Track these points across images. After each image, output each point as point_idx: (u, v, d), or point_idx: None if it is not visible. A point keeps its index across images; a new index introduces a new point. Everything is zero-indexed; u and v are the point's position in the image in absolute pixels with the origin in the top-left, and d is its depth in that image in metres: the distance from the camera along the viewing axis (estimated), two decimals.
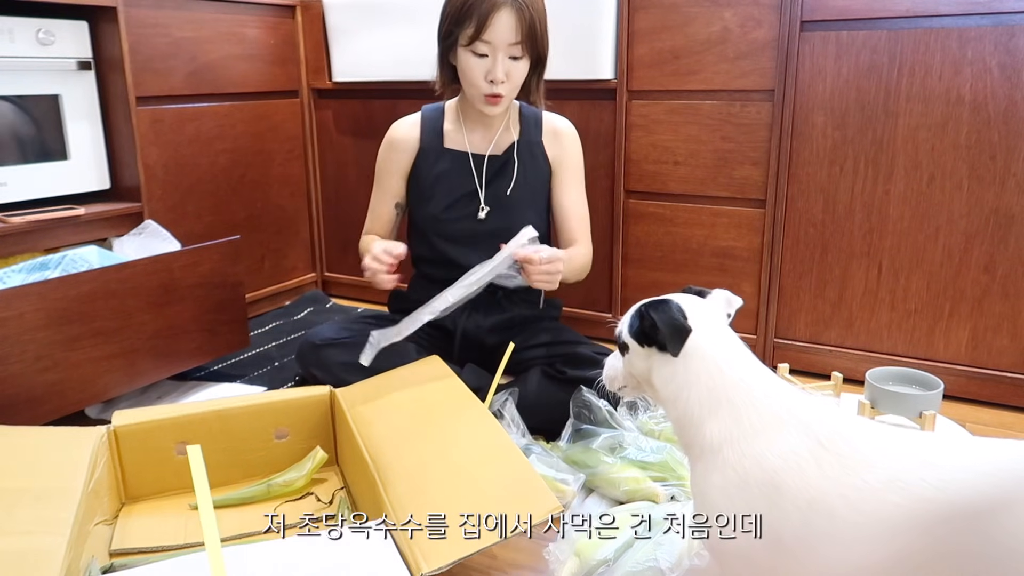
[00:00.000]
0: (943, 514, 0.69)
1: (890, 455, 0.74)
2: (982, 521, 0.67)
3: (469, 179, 1.54)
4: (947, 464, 0.71)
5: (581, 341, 1.56)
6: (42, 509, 0.95)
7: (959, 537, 0.68)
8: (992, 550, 0.67)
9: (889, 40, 1.53)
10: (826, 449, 0.76)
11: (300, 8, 2.21)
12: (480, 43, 1.38)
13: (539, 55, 1.46)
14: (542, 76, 1.52)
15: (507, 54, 1.40)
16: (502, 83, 1.42)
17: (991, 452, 0.71)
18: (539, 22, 1.41)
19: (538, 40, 1.42)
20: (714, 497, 0.81)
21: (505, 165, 1.55)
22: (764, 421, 0.80)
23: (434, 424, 1.20)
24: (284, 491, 1.25)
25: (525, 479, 1.04)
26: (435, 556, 0.90)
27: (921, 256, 1.60)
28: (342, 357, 1.48)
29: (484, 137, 1.56)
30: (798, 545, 0.76)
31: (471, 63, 1.41)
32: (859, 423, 0.79)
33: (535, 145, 1.57)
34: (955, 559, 0.69)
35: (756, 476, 0.78)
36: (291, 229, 2.32)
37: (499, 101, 1.45)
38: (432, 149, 1.56)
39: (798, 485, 0.76)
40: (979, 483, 0.68)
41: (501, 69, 1.40)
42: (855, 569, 0.73)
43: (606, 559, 1.05)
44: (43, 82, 1.62)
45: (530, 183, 1.56)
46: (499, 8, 1.36)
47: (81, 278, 1.39)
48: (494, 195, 1.54)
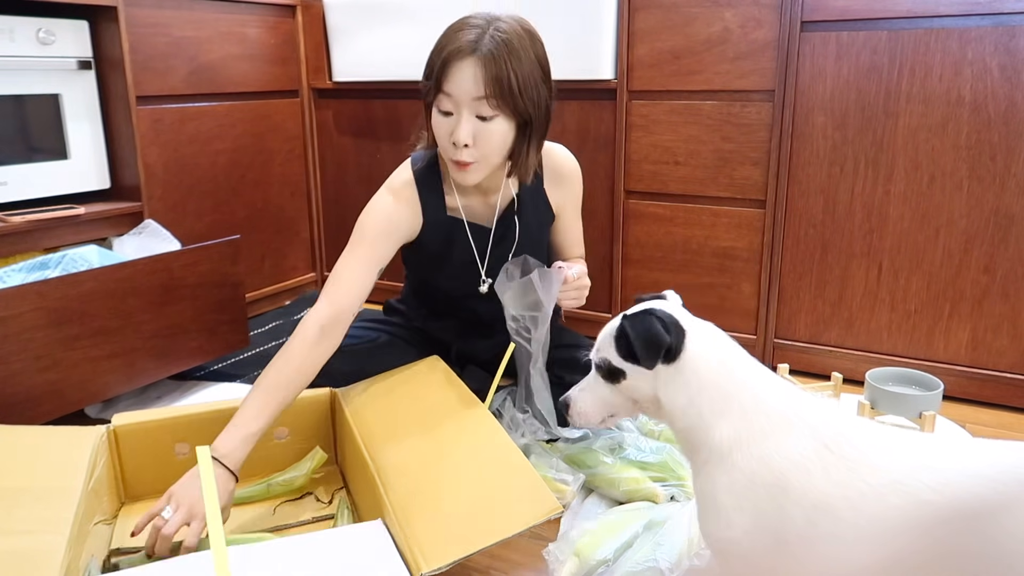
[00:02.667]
0: (942, 516, 0.69)
1: (892, 457, 0.75)
2: (981, 522, 0.68)
3: (468, 250, 1.40)
4: (947, 467, 0.72)
5: (580, 345, 1.53)
6: (42, 509, 0.95)
7: (959, 538, 0.69)
8: (992, 551, 0.67)
9: (889, 41, 1.53)
10: (831, 452, 0.77)
11: (300, 8, 2.21)
12: (442, 96, 1.19)
13: (522, 116, 1.21)
14: (533, 143, 1.27)
15: (472, 111, 1.18)
16: (465, 147, 1.19)
17: (991, 455, 0.71)
18: (516, 75, 1.16)
19: (515, 97, 1.18)
20: (721, 498, 0.81)
21: (507, 231, 1.40)
22: (773, 423, 0.80)
23: (434, 424, 1.20)
24: (284, 491, 1.25)
25: (525, 479, 1.04)
26: (435, 556, 0.90)
27: (921, 256, 1.60)
28: (345, 367, 1.38)
29: (481, 203, 1.39)
30: (800, 545, 0.76)
31: (437, 122, 1.22)
32: (863, 425, 0.80)
33: (537, 195, 1.41)
34: (955, 559, 0.69)
35: (764, 477, 0.78)
36: (291, 229, 2.32)
37: (467, 168, 1.23)
38: (435, 222, 1.37)
39: (804, 487, 0.76)
40: (978, 486, 0.69)
41: (464, 130, 1.18)
42: (856, 569, 0.74)
43: (606, 559, 1.05)
44: (43, 82, 1.62)
45: (532, 238, 1.43)
46: (460, 57, 1.16)
47: (81, 278, 1.39)
48: (498, 260, 1.40)
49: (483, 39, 1.16)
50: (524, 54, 1.18)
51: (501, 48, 1.16)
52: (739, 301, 1.80)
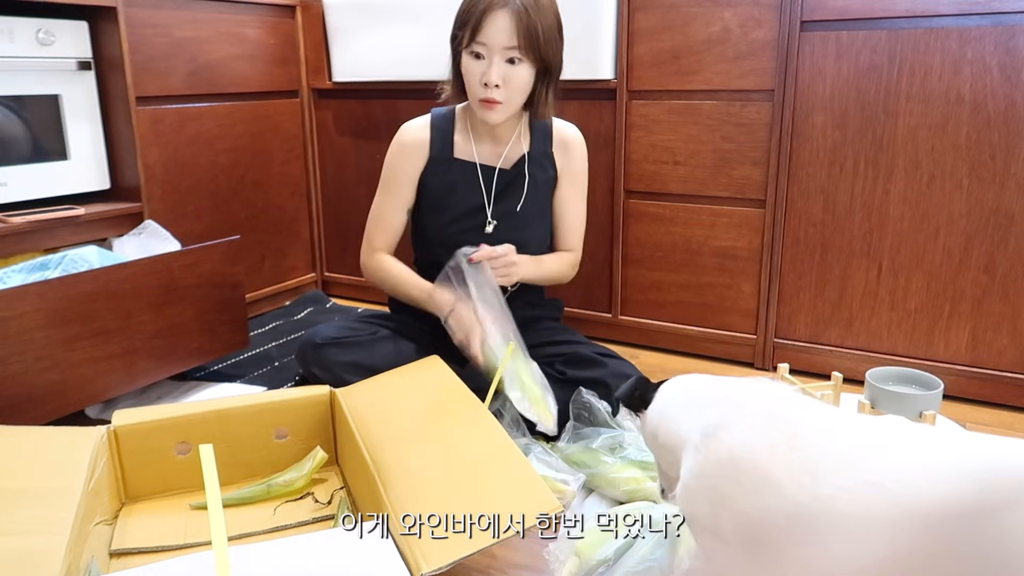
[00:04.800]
0: (932, 515, 0.68)
1: (876, 450, 0.74)
2: (964, 523, 0.66)
3: (477, 192, 1.52)
4: (938, 460, 0.70)
5: (581, 341, 1.56)
6: (42, 509, 0.95)
7: (947, 540, 0.67)
8: (983, 551, 0.66)
9: (889, 40, 1.53)
10: (791, 439, 0.78)
11: (300, 8, 2.21)
12: (476, 44, 1.36)
13: (545, 63, 1.41)
14: (551, 87, 1.46)
15: (503, 57, 1.37)
16: (496, 87, 1.38)
17: (982, 451, 0.70)
18: (542, 27, 1.36)
19: (541, 46, 1.37)
20: (686, 480, 0.84)
21: (515, 179, 1.53)
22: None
23: (434, 424, 1.20)
24: (284, 491, 1.25)
25: (525, 479, 1.04)
26: (435, 556, 0.90)
27: (921, 256, 1.60)
28: (343, 356, 1.48)
29: (493, 149, 1.54)
30: (780, 538, 0.76)
31: (469, 66, 1.39)
32: (827, 412, 0.81)
33: (545, 157, 1.55)
34: (937, 562, 0.68)
35: (721, 456, 0.81)
36: (291, 229, 2.32)
37: (494, 107, 1.40)
38: (442, 158, 1.53)
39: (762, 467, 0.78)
40: (967, 485, 0.67)
41: (496, 72, 1.36)
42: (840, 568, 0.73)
43: (606, 559, 1.05)
44: (43, 82, 1.62)
45: (540, 197, 1.55)
46: (495, 8, 1.34)
47: (81, 278, 1.39)
48: (503, 210, 1.53)
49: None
50: (547, 9, 1.38)
51: (530, 3, 1.35)
52: (739, 301, 1.80)
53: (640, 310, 1.93)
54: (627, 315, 1.95)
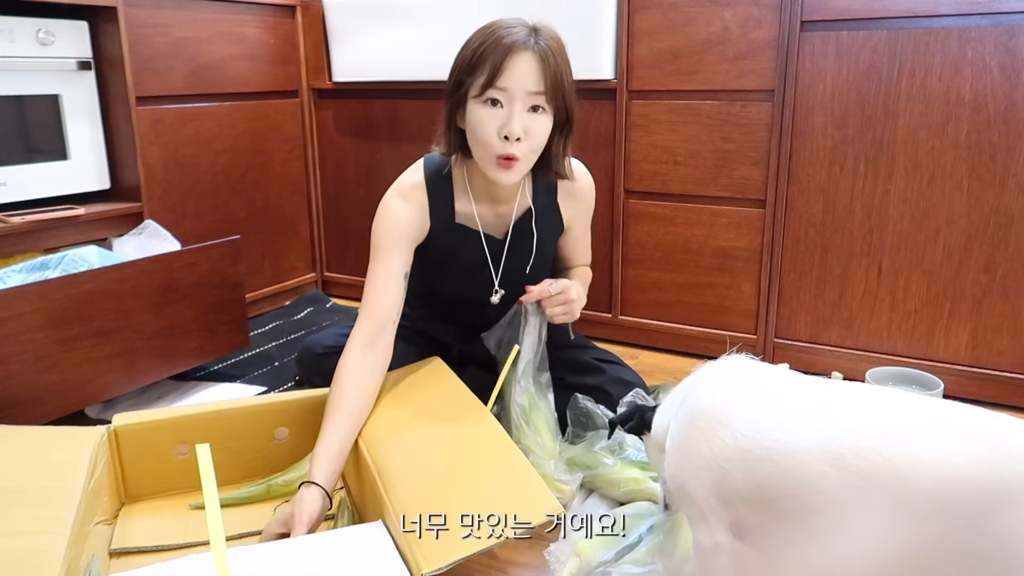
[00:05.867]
0: (935, 502, 0.66)
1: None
2: (965, 515, 0.65)
3: (482, 259, 1.38)
4: (945, 433, 0.69)
5: (580, 346, 1.54)
6: (42, 509, 0.95)
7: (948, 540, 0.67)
8: (983, 549, 0.66)
9: (889, 40, 1.53)
10: (755, 394, 0.81)
11: (300, 8, 2.21)
12: (495, 90, 1.17)
13: (567, 113, 1.24)
14: (568, 141, 1.29)
15: (526, 104, 1.18)
16: (518, 140, 1.18)
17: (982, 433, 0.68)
18: (565, 74, 1.21)
19: (566, 93, 1.21)
20: (668, 452, 0.89)
21: (522, 239, 1.38)
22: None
23: (435, 424, 1.20)
24: (284, 491, 1.25)
25: (525, 479, 1.04)
26: (435, 556, 0.90)
27: (921, 256, 1.60)
28: None
29: (496, 213, 1.37)
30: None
31: (482, 116, 1.19)
32: (803, 378, 0.84)
33: (551, 210, 1.40)
34: (937, 562, 0.67)
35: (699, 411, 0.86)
36: (291, 229, 2.32)
37: (513, 165, 1.20)
38: (443, 227, 1.35)
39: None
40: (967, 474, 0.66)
41: (518, 122, 1.17)
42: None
43: (606, 559, 1.05)
44: (43, 82, 1.62)
45: (547, 249, 1.42)
46: (519, 51, 1.16)
47: (81, 278, 1.39)
48: (511, 273, 1.39)
49: (535, 37, 1.18)
50: (564, 55, 1.23)
51: (553, 45, 1.19)
52: (739, 301, 1.80)
53: (640, 310, 1.94)
54: (627, 315, 1.95)
